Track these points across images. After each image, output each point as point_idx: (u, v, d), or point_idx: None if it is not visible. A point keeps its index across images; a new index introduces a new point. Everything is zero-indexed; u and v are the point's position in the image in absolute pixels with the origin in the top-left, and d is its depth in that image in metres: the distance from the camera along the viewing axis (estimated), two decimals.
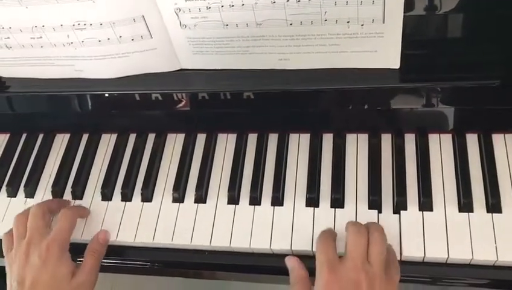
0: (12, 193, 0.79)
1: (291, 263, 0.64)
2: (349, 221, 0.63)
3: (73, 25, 0.65)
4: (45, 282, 0.63)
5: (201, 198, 0.72)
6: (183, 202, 0.73)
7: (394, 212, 0.67)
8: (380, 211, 0.67)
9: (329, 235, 0.63)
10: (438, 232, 0.64)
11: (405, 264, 0.64)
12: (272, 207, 0.70)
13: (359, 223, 0.62)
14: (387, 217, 0.66)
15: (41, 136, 0.84)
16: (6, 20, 0.67)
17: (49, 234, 0.67)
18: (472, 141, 0.70)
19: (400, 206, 0.67)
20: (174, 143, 0.79)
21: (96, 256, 0.69)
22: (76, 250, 0.69)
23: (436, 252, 0.63)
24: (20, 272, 0.64)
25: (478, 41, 0.64)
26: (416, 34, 0.63)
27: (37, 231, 0.67)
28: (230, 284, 1.19)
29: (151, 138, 0.80)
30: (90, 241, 0.70)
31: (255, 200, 0.71)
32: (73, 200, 0.77)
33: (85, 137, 0.83)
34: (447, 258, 0.63)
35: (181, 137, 0.79)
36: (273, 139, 0.76)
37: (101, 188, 0.76)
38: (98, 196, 0.76)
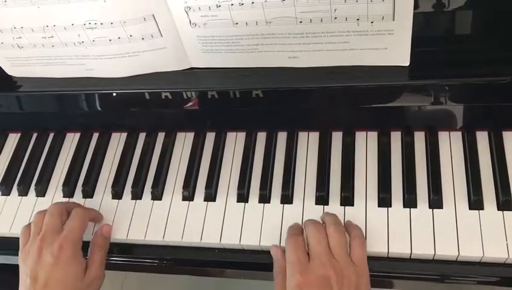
0: (23, 192, 0.80)
1: (275, 253, 0.65)
2: (307, 220, 0.65)
3: (84, 24, 0.66)
4: (58, 280, 0.64)
5: (210, 196, 0.73)
6: (192, 200, 0.73)
7: (403, 210, 0.66)
8: (389, 209, 0.67)
9: (298, 232, 0.64)
10: (448, 230, 0.64)
11: (414, 262, 0.64)
12: (282, 205, 0.70)
13: (315, 220, 0.65)
14: (396, 215, 0.66)
15: (51, 135, 0.85)
16: (18, 20, 0.67)
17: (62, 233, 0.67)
18: (482, 138, 0.70)
19: (409, 203, 0.66)
20: (184, 142, 0.79)
21: (103, 251, 0.69)
22: (87, 249, 0.69)
23: (446, 250, 0.63)
24: (33, 268, 0.65)
25: (488, 37, 0.64)
26: (425, 31, 0.63)
27: (51, 228, 0.67)
28: (236, 283, 1.18)
29: (160, 136, 0.80)
30: (94, 235, 0.71)
31: (264, 198, 0.71)
32: (84, 199, 0.77)
33: (95, 136, 0.83)
34: (457, 256, 0.62)
35: (190, 136, 0.79)
36: (282, 138, 0.76)
37: (111, 186, 0.77)
38: (109, 195, 0.76)
